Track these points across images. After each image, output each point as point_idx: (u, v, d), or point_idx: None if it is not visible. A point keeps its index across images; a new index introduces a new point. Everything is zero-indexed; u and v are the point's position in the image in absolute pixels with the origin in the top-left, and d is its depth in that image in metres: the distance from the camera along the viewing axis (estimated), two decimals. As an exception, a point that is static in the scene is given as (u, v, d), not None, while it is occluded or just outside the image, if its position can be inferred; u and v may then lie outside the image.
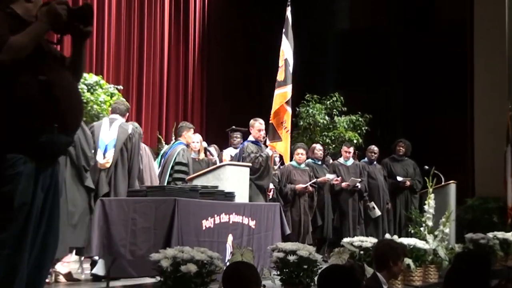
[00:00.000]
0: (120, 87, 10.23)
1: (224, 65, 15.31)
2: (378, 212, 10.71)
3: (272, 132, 9.27)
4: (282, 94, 9.43)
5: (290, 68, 9.59)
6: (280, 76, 9.57)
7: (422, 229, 7.86)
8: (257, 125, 8.68)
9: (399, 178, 11.13)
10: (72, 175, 6.55)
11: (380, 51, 16.63)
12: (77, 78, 3.82)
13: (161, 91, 13.53)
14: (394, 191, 11.20)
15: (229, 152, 10.06)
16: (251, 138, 8.75)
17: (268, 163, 8.57)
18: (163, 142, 11.22)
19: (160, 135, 11.86)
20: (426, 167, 10.19)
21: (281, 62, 9.61)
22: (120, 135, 7.03)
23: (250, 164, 7.95)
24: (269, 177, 8.73)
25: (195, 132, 8.82)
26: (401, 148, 11.48)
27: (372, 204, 10.75)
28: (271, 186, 9.22)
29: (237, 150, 9.06)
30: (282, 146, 9.41)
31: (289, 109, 9.44)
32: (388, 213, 11.02)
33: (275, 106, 9.39)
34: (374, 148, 11.31)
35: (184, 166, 8.06)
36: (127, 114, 7.54)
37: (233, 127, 10.55)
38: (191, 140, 8.58)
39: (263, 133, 8.78)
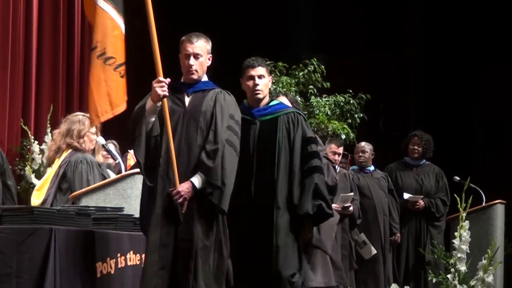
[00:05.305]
0: None
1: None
2: (372, 250, 7.56)
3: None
4: None
5: None
6: None
7: (450, 277, 5.85)
8: None
9: (406, 195, 7.90)
10: None
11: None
12: None
13: (27, 57, 8.96)
14: (401, 216, 7.94)
15: None
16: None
17: None
18: (32, 138, 8.39)
19: (26, 125, 8.59)
20: (457, 178, 7.68)
21: None
22: None
23: None
24: None
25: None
26: (415, 147, 8.10)
27: (362, 236, 7.45)
28: None
29: None
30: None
31: (111, 12, 4.79)
32: (397, 252, 7.99)
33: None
34: (365, 146, 7.93)
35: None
36: None
37: None
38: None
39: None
